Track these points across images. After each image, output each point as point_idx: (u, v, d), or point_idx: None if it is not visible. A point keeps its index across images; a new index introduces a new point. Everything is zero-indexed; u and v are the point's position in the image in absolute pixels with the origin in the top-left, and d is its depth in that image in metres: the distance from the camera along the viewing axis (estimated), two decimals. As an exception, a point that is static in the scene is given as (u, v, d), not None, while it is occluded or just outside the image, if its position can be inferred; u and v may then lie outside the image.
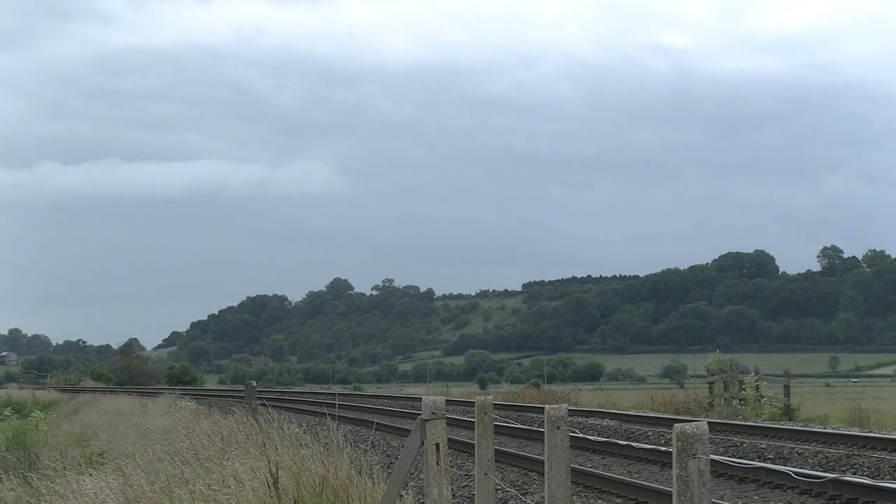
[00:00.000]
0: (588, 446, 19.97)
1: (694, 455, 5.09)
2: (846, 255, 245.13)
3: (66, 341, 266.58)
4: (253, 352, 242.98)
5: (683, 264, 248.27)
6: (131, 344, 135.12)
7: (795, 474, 11.03)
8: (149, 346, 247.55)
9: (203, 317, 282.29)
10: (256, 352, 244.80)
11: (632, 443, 19.72)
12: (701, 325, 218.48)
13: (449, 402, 23.93)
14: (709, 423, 8.79)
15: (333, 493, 11.27)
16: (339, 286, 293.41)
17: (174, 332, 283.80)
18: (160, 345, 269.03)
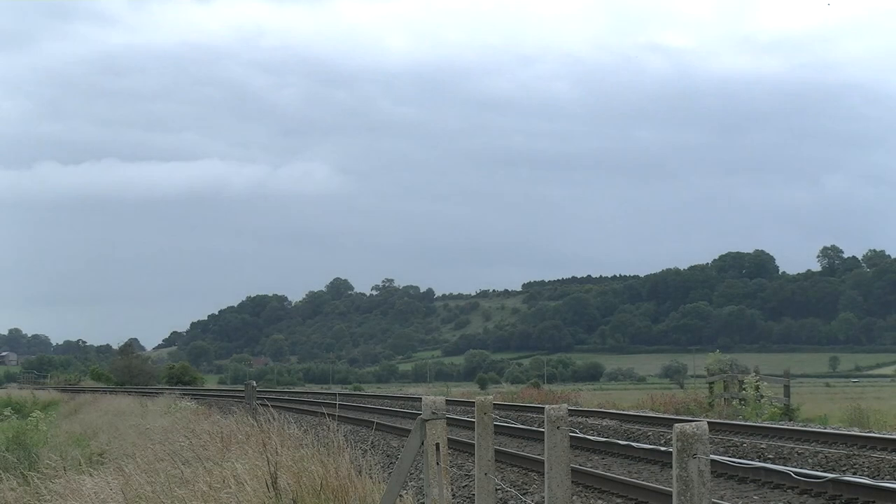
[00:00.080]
0: (588, 446, 19.97)
1: (694, 455, 5.09)
2: (846, 255, 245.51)
3: (66, 341, 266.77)
4: (253, 352, 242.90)
5: (683, 264, 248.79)
6: (131, 344, 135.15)
7: (795, 474, 11.03)
8: (149, 346, 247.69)
9: (203, 317, 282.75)
10: (256, 352, 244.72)
11: (632, 443, 19.72)
12: (701, 325, 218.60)
13: (449, 402, 23.95)
14: (709, 423, 8.79)
15: (333, 493, 11.27)
16: (339, 286, 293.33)
17: (174, 332, 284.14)
18: (160, 345, 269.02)
